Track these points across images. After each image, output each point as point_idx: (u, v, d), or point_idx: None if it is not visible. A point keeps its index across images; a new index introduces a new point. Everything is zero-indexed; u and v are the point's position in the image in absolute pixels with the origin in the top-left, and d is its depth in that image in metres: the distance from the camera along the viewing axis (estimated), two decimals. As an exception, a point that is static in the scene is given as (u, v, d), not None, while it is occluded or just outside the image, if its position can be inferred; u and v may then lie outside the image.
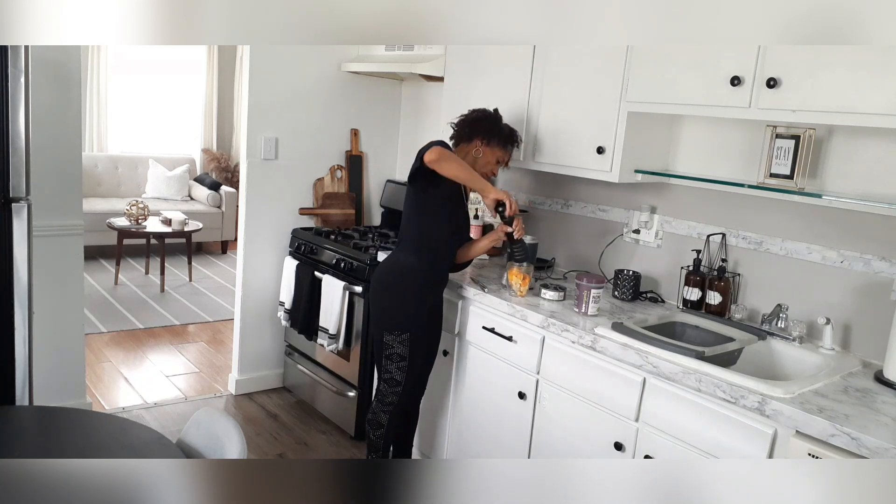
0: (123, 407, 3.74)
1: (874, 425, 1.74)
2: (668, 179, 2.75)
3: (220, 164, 8.15)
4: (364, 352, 3.41)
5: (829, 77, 1.99)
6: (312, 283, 3.57)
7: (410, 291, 2.65)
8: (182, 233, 6.18)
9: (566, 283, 2.91)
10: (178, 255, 7.01)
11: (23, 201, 2.36)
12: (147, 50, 7.82)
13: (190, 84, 8.19)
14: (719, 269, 2.58)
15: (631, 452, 2.23)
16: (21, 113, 2.30)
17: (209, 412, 1.93)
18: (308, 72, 3.79)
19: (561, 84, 2.78)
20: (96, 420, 1.99)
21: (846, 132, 2.26)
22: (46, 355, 3.19)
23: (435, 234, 2.65)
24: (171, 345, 4.73)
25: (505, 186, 3.49)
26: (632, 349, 2.19)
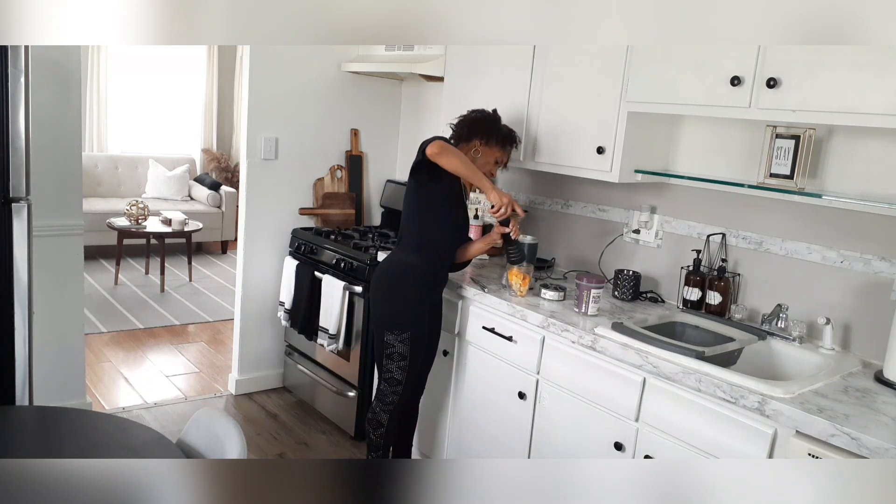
0: (123, 407, 3.74)
1: (874, 425, 1.74)
2: (668, 179, 2.75)
3: (220, 164, 8.15)
4: (364, 352, 3.41)
5: (829, 77, 1.99)
6: (312, 283, 3.57)
7: (411, 290, 2.65)
8: (182, 233, 6.19)
9: (566, 283, 2.91)
10: (178, 255, 7.01)
11: (23, 201, 2.36)
12: (147, 50, 7.82)
13: (190, 83, 8.19)
14: (719, 269, 2.58)
15: (631, 452, 2.23)
16: (21, 113, 2.30)
17: (209, 412, 1.93)
18: (308, 72, 3.79)
19: (561, 84, 2.78)
20: (96, 420, 1.99)
21: (846, 132, 2.26)
22: (46, 355, 3.19)
23: (435, 233, 2.65)
24: (171, 345, 4.73)
25: (505, 186, 3.49)
26: (632, 349, 2.19)
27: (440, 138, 2.51)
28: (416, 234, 2.66)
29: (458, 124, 2.74)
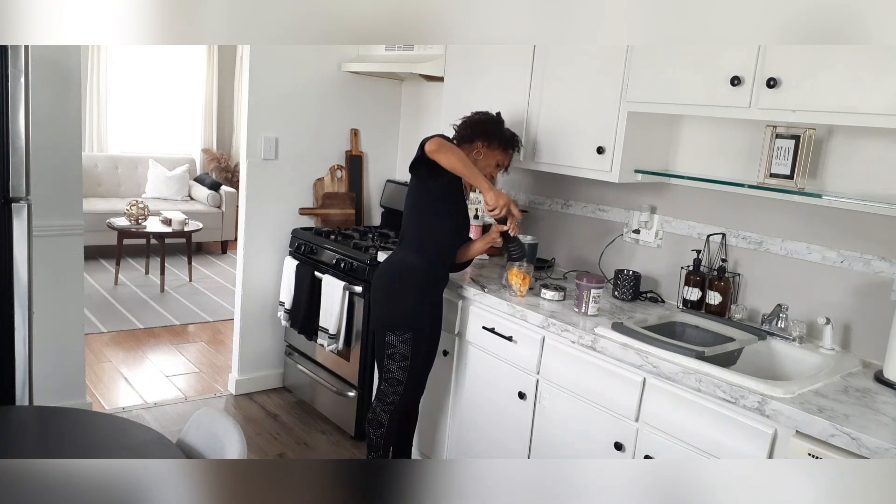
0: (123, 407, 3.74)
1: (874, 425, 1.74)
2: (668, 179, 2.75)
3: (220, 164, 8.15)
4: (364, 352, 3.41)
5: (829, 77, 1.99)
6: (312, 283, 3.57)
7: (412, 290, 2.65)
8: (182, 233, 6.19)
9: (566, 283, 2.91)
10: (178, 255, 7.01)
11: (23, 201, 2.36)
12: (147, 50, 7.82)
13: (190, 84, 8.19)
14: (719, 269, 2.58)
15: (631, 452, 2.23)
16: (21, 113, 2.30)
17: (209, 412, 1.93)
18: (308, 72, 3.79)
19: (561, 84, 2.78)
20: (96, 420, 1.99)
21: (846, 132, 2.26)
22: (46, 355, 3.19)
23: (436, 233, 2.65)
24: (171, 345, 4.73)
25: (505, 186, 3.49)
26: (632, 349, 2.19)
27: (441, 136, 2.51)
28: (416, 233, 2.66)
29: (461, 125, 2.75)
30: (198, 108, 8.28)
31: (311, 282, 3.58)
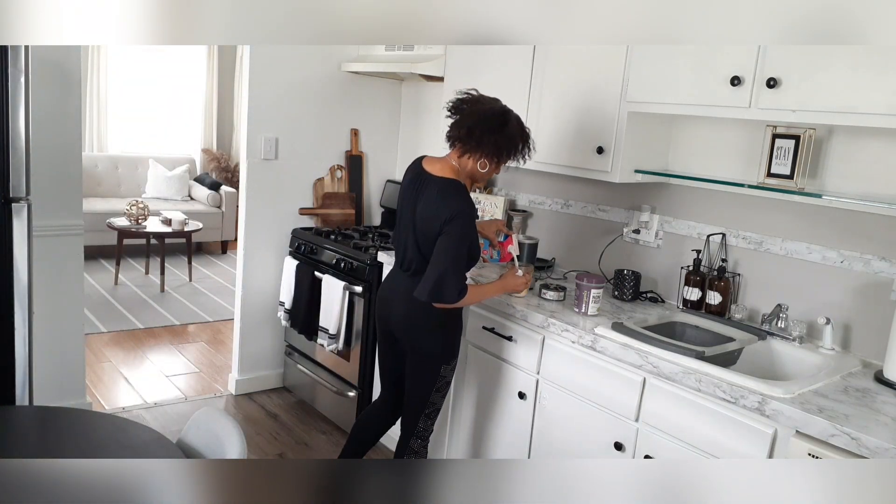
0: (123, 407, 3.74)
1: (874, 425, 1.74)
2: (667, 179, 2.75)
3: (220, 164, 8.15)
4: (364, 352, 3.41)
5: (829, 77, 1.99)
6: (312, 282, 3.57)
7: (459, 318, 2.55)
8: (182, 233, 6.18)
9: (566, 283, 2.91)
10: (178, 255, 7.01)
11: (23, 201, 2.36)
12: (147, 49, 7.81)
13: (190, 84, 8.19)
14: (719, 269, 2.58)
15: (631, 452, 2.23)
16: (21, 113, 2.30)
17: (209, 412, 1.93)
18: (308, 72, 3.79)
19: (561, 84, 2.78)
20: (96, 420, 1.99)
21: (846, 132, 2.26)
22: (46, 355, 3.19)
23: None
24: (171, 345, 4.72)
25: (505, 186, 3.50)
26: (632, 349, 2.19)
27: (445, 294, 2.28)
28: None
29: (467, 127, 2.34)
30: (198, 108, 8.28)
31: (311, 282, 3.58)
